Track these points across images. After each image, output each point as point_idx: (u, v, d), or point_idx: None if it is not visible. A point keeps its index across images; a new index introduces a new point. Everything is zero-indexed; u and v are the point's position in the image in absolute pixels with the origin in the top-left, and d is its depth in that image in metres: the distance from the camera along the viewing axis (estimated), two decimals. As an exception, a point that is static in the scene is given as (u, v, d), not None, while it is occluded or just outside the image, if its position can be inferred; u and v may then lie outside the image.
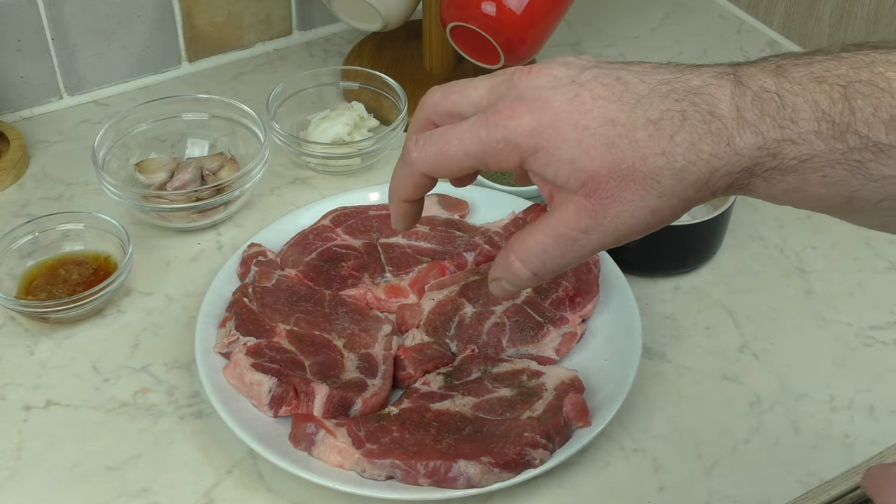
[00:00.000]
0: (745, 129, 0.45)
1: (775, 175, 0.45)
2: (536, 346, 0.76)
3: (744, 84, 0.46)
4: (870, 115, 0.43)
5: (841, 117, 0.44)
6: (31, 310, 0.78)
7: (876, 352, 0.80)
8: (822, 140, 0.44)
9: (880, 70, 0.44)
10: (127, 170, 0.91)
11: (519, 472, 0.66)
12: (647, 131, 0.46)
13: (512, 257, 0.51)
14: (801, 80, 0.45)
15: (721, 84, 0.46)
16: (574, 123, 0.47)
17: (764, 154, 0.45)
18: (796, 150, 0.44)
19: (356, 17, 1.01)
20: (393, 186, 0.55)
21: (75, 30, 0.98)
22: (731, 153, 0.45)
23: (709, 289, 0.84)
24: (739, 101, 0.45)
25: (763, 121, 0.45)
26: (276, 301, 0.78)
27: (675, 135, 0.46)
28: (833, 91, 0.44)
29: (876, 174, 0.44)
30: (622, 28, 1.16)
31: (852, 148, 0.44)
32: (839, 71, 0.45)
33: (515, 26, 0.92)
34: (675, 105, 0.46)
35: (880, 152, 0.43)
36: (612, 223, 0.48)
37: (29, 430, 0.73)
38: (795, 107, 0.44)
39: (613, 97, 0.47)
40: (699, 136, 0.45)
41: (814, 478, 0.70)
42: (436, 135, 0.51)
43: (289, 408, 0.70)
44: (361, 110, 0.97)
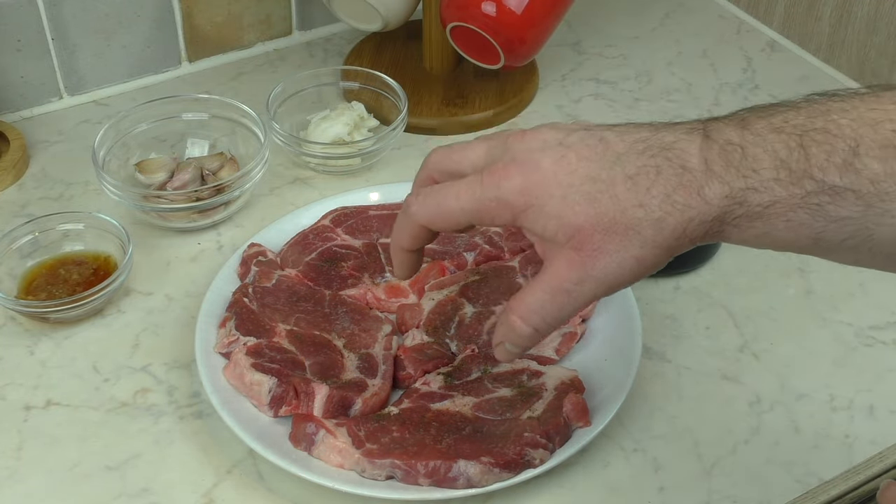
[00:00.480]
0: (713, 179, 0.48)
1: (743, 222, 0.48)
2: (536, 346, 0.76)
3: (711, 138, 0.49)
4: (824, 161, 0.46)
5: (797, 164, 0.47)
6: (31, 310, 0.78)
7: (876, 352, 0.80)
8: (781, 187, 0.47)
9: (834, 118, 0.47)
10: (127, 170, 0.91)
11: (519, 472, 0.66)
12: (626, 186, 0.50)
13: (513, 317, 0.54)
14: (762, 132, 0.48)
15: (691, 139, 0.50)
16: (560, 182, 0.51)
17: (731, 202, 0.48)
18: (759, 198, 0.47)
19: (356, 17, 1.01)
20: (394, 237, 0.60)
21: (75, 30, 0.98)
22: (702, 202, 0.49)
23: (709, 289, 0.84)
24: (707, 154, 0.49)
25: (728, 171, 0.48)
26: (276, 301, 0.78)
27: (651, 188, 0.49)
28: (790, 140, 0.47)
29: (835, 215, 0.46)
30: (622, 28, 1.16)
31: (809, 192, 0.46)
32: (797, 121, 0.48)
33: (515, 26, 0.92)
34: (651, 161, 0.50)
35: (836, 195, 0.46)
36: (601, 273, 0.51)
37: (29, 430, 0.73)
38: (756, 157, 0.48)
39: (595, 156, 0.51)
40: (672, 188, 0.49)
41: (814, 478, 0.70)
42: (435, 190, 0.56)
43: (289, 408, 0.70)
44: (361, 110, 0.97)
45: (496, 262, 0.83)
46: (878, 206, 0.45)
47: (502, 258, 0.83)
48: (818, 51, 1.10)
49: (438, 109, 1.01)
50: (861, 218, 0.46)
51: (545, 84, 1.07)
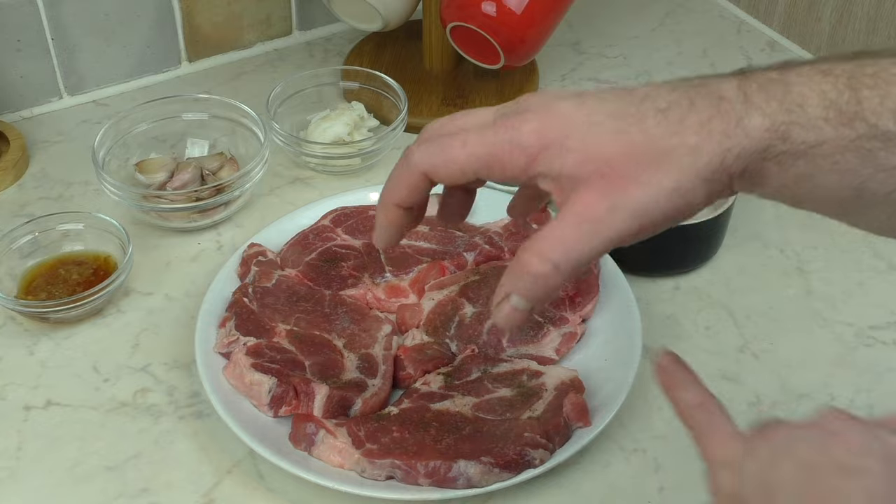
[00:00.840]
0: (752, 110, 0.45)
1: (787, 159, 0.44)
2: (536, 346, 0.76)
3: (749, 77, 0.46)
4: (877, 105, 0.43)
5: (848, 106, 0.43)
6: (31, 310, 0.78)
7: (876, 352, 0.79)
8: (830, 126, 0.43)
9: (885, 65, 0.44)
10: (127, 170, 0.91)
11: (519, 472, 0.66)
12: (657, 119, 0.46)
13: (526, 255, 0.47)
14: (807, 73, 0.45)
15: (725, 79, 0.46)
16: (581, 121, 0.47)
17: (774, 136, 0.44)
18: (805, 135, 0.44)
19: (356, 17, 1.01)
20: (386, 188, 0.53)
21: (75, 30, 0.98)
22: (742, 133, 0.45)
23: (709, 289, 0.84)
24: (746, 88, 0.45)
25: (769, 104, 0.44)
26: (276, 301, 0.78)
27: (685, 118, 0.45)
28: (838, 82, 0.44)
29: (885, 164, 0.43)
30: (622, 28, 1.16)
31: (861, 135, 0.43)
32: (845, 66, 0.45)
33: (515, 26, 0.92)
34: (683, 94, 0.46)
35: (889, 141, 0.43)
36: (633, 202, 0.46)
37: (29, 430, 0.73)
38: (802, 94, 0.44)
39: (618, 98, 0.47)
40: (708, 116, 0.45)
41: (814, 478, 0.70)
42: (441, 136, 0.51)
43: (289, 408, 0.70)
44: (361, 110, 0.97)
45: (496, 262, 0.83)
46: None
47: (502, 258, 0.83)
48: (818, 51, 1.10)
49: (438, 109, 1.01)
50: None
51: (545, 84, 1.07)
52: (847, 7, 1.05)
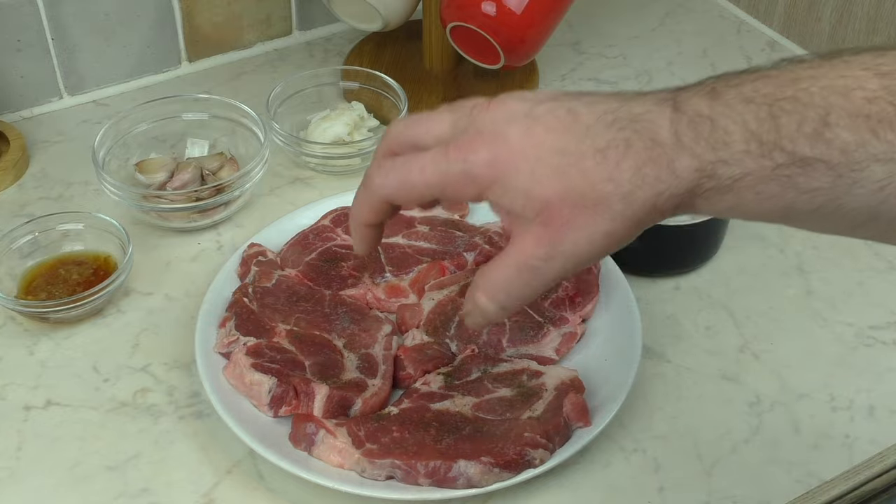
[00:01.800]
0: (683, 153, 0.47)
1: (714, 195, 0.47)
2: (536, 346, 0.76)
3: (680, 110, 0.48)
4: (794, 131, 0.45)
5: (767, 135, 0.45)
6: (31, 310, 0.78)
7: (876, 352, 0.80)
8: (751, 159, 0.46)
9: (804, 86, 0.46)
10: (127, 170, 0.91)
11: (519, 472, 0.66)
12: (595, 160, 0.48)
13: (478, 293, 0.53)
14: (731, 102, 0.47)
15: (661, 111, 0.48)
16: (527, 155, 0.49)
17: (701, 176, 0.47)
18: (730, 171, 0.46)
19: (356, 17, 1.01)
20: (353, 210, 0.57)
21: (75, 30, 0.98)
22: (673, 176, 0.47)
23: (709, 289, 0.84)
24: (677, 126, 0.47)
25: (698, 144, 0.47)
26: (276, 301, 0.78)
27: (621, 162, 0.48)
28: (760, 110, 0.46)
29: (805, 187, 0.45)
30: (622, 28, 1.16)
31: (780, 164, 0.45)
32: (767, 90, 0.46)
33: (515, 26, 0.92)
34: (620, 133, 0.48)
35: (806, 165, 0.45)
36: (570, 248, 0.50)
37: (29, 430, 0.73)
38: (726, 129, 0.46)
39: (564, 128, 0.49)
40: (643, 161, 0.48)
41: (814, 478, 0.70)
42: (399, 163, 0.54)
43: (289, 408, 0.70)
44: (361, 110, 0.97)
45: (496, 262, 0.82)
46: (849, 177, 0.44)
47: (502, 258, 0.83)
48: (818, 51, 1.10)
49: (438, 109, 1.00)
50: (831, 188, 0.45)
51: (545, 84, 1.07)
52: (847, 7, 1.05)
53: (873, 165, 0.44)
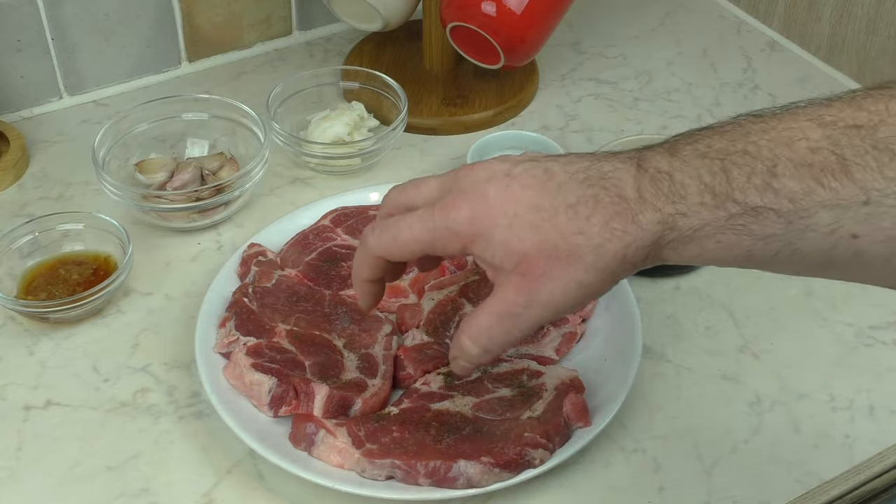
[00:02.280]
0: (646, 207, 0.51)
1: (678, 245, 0.51)
2: (536, 346, 0.76)
3: (643, 167, 0.52)
4: (744, 183, 0.48)
5: (720, 188, 0.49)
6: (31, 310, 0.78)
7: (876, 352, 0.80)
8: (707, 210, 0.49)
9: (754, 139, 0.48)
10: (127, 170, 0.91)
11: (519, 472, 0.66)
12: (567, 215, 0.52)
13: (463, 337, 0.57)
14: (687, 158, 0.50)
15: (626, 168, 0.52)
16: (505, 211, 0.54)
17: (664, 228, 0.50)
18: (689, 222, 0.50)
19: (356, 17, 1.01)
20: (354, 269, 0.62)
21: (75, 30, 0.98)
22: (638, 229, 0.51)
23: (709, 289, 0.84)
24: (640, 182, 0.51)
25: (659, 198, 0.50)
26: (276, 301, 0.78)
27: (591, 216, 0.52)
28: (713, 164, 0.49)
29: (760, 234, 0.48)
30: (622, 28, 1.16)
31: (733, 214, 0.48)
32: (720, 145, 0.50)
33: (515, 26, 0.92)
34: (590, 190, 0.52)
35: (758, 215, 0.48)
36: (546, 297, 0.53)
37: (29, 430, 0.73)
38: (683, 183, 0.50)
39: (539, 186, 0.54)
40: (610, 215, 0.51)
41: (814, 478, 0.70)
42: (390, 223, 0.59)
43: (289, 408, 0.70)
44: (361, 110, 0.97)
45: (496, 262, 0.83)
46: (799, 223, 0.47)
47: (502, 258, 0.83)
48: (818, 51, 1.10)
49: (438, 109, 1.01)
50: (784, 234, 0.47)
51: (545, 84, 1.07)
52: (847, 7, 1.05)
53: (821, 212, 0.46)
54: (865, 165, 0.45)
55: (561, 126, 1.02)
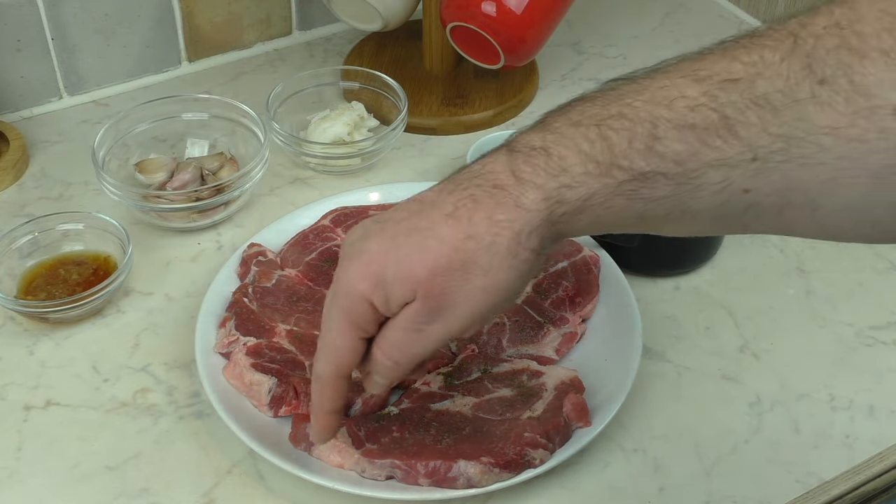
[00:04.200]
0: (525, 187, 0.49)
1: (570, 218, 0.49)
2: (536, 346, 0.76)
3: (515, 150, 0.50)
4: (626, 148, 0.46)
5: (602, 156, 0.47)
6: (31, 310, 0.78)
7: (876, 352, 0.80)
8: (593, 179, 0.48)
9: (628, 101, 0.47)
10: (127, 170, 0.91)
11: (519, 472, 0.66)
12: (448, 224, 0.51)
13: (377, 351, 0.56)
14: (561, 129, 0.49)
15: (496, 159, 0.51)
16: (388, 250, 0.52)
17: (551, 203, 0.49)
18: (576, 193, 0.48)
19: (356, 17, 1.01)
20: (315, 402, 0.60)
21: (75, 30, 0.98)
22: (524, 212, 0.49)
23: (709, 289, 0.84)
24: (513, 166, 0.50)
25: (538, 175, 0.49)
26: (276, 301, 0.78)
27: (473, 216, 0.50)
28: (589, 132, 0.48)
29: (650, 196, 0.47)
30: (622, 28, 1.16)
31: (621, 181, 0.47)
32: (592, 111, 0.48)
33: (515, 26, 0.92)
34: (464, 193, 0.51)
35: (646, 179, 0.46)
36: (450, 312, 0.52)
37: (29, 430, 0.73)
38: (561, 155, 0.48)
39: (412, 214, 0.53)
40: (492, 209, 0.50)
41: (814, 478, 0.70)
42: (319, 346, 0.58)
43: (289, 408, 0.70)
44: (361, 110, 0.97)
45: (496, 262, 0.82)
46: (689, 184, 0.46)
47: (502, 258, 0.83)
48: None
49: (438, 109, 1.01)
50: (675, 195, 0.46)
51: (545, 84, 1.07)
52: (847, 7, 1.05)
53: (709, 171, 0.45)
54: (748, 122, 0.43)
55: (561, 126, 1.01)
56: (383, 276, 0.52)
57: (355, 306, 0.54)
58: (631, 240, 0.81)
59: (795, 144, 0.43)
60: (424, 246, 0.51)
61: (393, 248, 0.52)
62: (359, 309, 0.54)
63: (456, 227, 0.51)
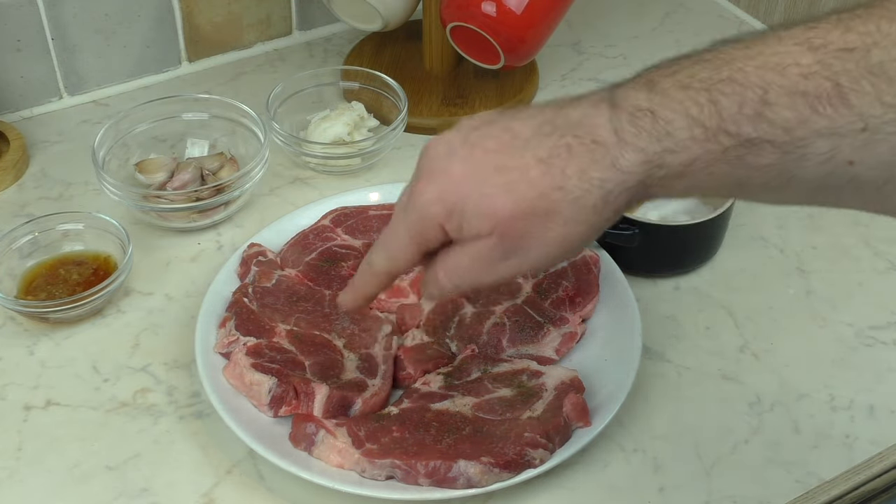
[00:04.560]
0: (626, 149, 0.48)
1: (667, 182, 0.49)
2: (536, 346, 0.76)
3: (619, 106, 0.49)
4: (735, 113, 0.46)
5: (710, 121, 0.46)
6: (31, 310, 0.78)
7: (876, 352, 0.80)
8: (698, 145, 0.47)
9: (740, 66, 0.46)
10: (127, 170, 0.91)
11: (519, 472, 0.66)
12: (540, 169, 0.50)
13: (440, 270, 0.56)
14: (669, 91, 0.48)
15: (599, 112, 0.50)
16: (473, 179, 0.51)
17: (651, 167, 0.48)
18: (678, 158, 0.47)
19: (356, 17, 1.01)
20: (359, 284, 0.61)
21: (75, 30, 0.98)
22: (619, 174, 0.49)
23: (709, 289, 0.84)
24: (616, 124, 0.49)
25: (641, 137, 0.48)
26: (276, 301, 0.78)
27: (566, 168, 0.49)
28: (699, 96, 0.47)
29: (755, 164, 0.46)
30: (622, 28, 1.16)
31: (727, 147, 0.46)
32: (703, 74, 0.47)
33: (515, 26, 0.92)
34: (560, 141, 0.50)
35: (753, 146, 0.46)
36: (524, 252, 0.52)
37: (29, 430, 0.73)
38: (667, 119, 0.47)
39: (503, 147, 0.51)
40: (587, 164, 0.49)
41: (814, 478, 0.70)
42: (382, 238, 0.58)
43: (289, 408, 0.70)
44: (361, 110, 0.97)
45: (496, 262, 0.82)
46: (795, 153, 0.45)
47: (502, 258, 0.83)
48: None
49: (438, 109, 1.01)
50: (780, 163, 0.46)
51: (545, 84, 1.07)
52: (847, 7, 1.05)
53: (817, 140, 0.44)
54: (862, 91, 0.43)
55: (561, 126, 1.01)
56: (462, 207, 0.52)
57: (425, 226, 0.54)
58: (631, 240, 0.81)
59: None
60: (511, 187, 0.50)
61: (478, 180, 0.51)
62: (428, 230, 0.54)
63: (547, 174, 0.50)
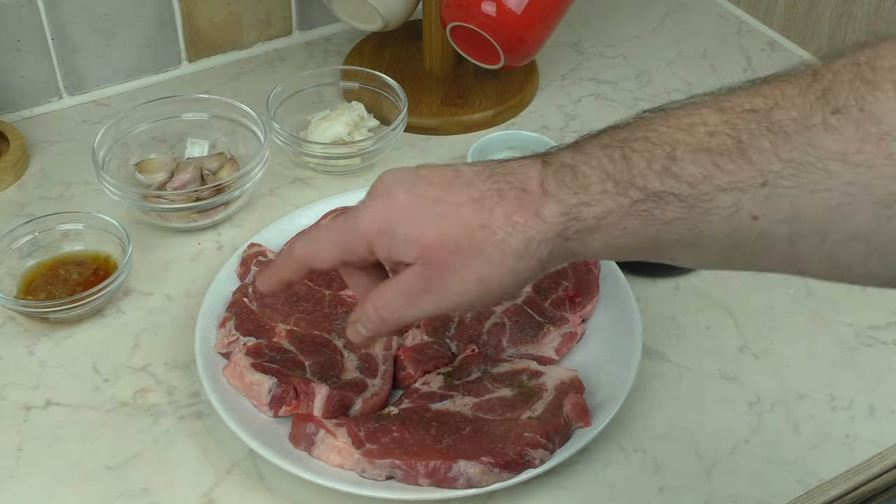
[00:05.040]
0: (548, 199, 0.51)
1: (584, 236, 0.51)
2: (536, 346, 0.76)
3: (549, 163, 0.53)
4: (644, 168, 0.48)
5: (621, 175, 0.49)
6: (31, 310, 0.78)
7: (876, 352, 0.80)
8: (609, 198, 0.50)
9: (654, 126, 0.49)
10: (127, 170, 0.91)
11: (519, 472, 0.66)
12: (471, 208, 0.53)
13: (368, 303, 0.58)
14: (591, 150, 0.51)
15: (533, 165, 0.53)
16: (410, 206, 0.55)
17: (567, 219, 0.51)
18: (592, 211, 0.50)
19: (356, 17, 1.01)
20: (276, 264, 0.63)
21: (75, 30, 0.98)
22: (540, 222, 0.51)
23: (709, 289, 0.84)
24: (544, 176, 0.52)
25: (561, 190, 0.51)
26: (276, 301, 0.78)
27: (494, 209, 0.52)
28: (614, 153, 0.50)
29: (663, 218, 0.48)
30: (622, 28, 1.16)
31: (636, 200, 0.49)
32: (621, 136, 0.50)
33: (515, 26, 0.92)
34: (494, 185, 0.53)
35: (660, 199, 0.48)
36: (444, 287, 0.54)
37: (29, 430, 0.73)
38: (585, 174, 0.51)
39: (446, 183, 0.55)
40: (513, 209, 0.52)
41: (814, 478, 0.70)
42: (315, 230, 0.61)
43: (289, 408, 0.70)
44: (361, 110, 0.97)
45: (496, 262, 0.82)
46: (700, 207, 0.47)
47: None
48: (818, 51, 1.10)
49: (438, 109, 1.01)
50: (688, 218, 0.48)
51: (545, 84, 1.07)
52: (847, 7, 1.05)
53: (720, 195, 0.46)
54: (761, 147, 0.45)
55: (561, 126, 1.02)
56: (394, 230, 0.55)
57: (352, 238, 0.57)
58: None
59: (804, 170, 0.44)
60: (443, 219, 0.53)
61: (415, 208, 0.54)
62: (354, 242, 0.57)
63: (477, 213, 0.53)
